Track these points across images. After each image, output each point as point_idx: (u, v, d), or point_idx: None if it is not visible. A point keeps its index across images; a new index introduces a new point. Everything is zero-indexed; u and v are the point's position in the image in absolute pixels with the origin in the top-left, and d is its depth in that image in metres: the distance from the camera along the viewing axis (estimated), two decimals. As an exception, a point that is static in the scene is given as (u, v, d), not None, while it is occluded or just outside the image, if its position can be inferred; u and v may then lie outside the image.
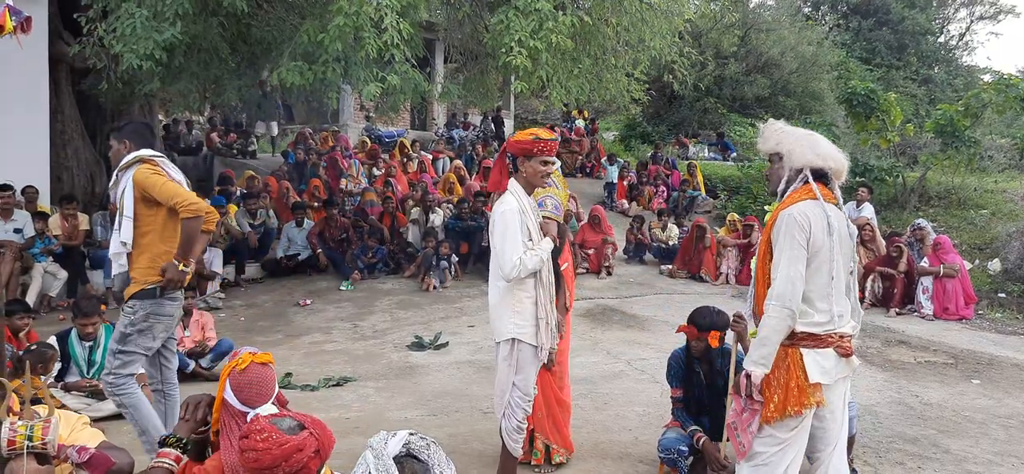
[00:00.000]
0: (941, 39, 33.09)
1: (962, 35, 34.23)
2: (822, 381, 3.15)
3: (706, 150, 21.36)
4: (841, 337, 3.20)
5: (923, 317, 9.26)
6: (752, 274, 3.40)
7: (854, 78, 18.35)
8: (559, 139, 4.43)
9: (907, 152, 15.94)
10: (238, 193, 11.84)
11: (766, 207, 3.50)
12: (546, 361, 4.49)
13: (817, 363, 3.15)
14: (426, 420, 5.61)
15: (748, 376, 3.16)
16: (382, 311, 9.18)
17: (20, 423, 2.50)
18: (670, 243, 12.08)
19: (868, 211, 11.45)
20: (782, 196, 3.29)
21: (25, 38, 2.77)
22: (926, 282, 9.43)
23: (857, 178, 13.04)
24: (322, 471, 2.36)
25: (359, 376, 6.79)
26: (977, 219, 13.53)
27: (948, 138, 13.63)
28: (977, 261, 11.51)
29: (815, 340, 3.16)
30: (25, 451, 2.49)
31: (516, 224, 3.86)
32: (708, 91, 21.72)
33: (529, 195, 4.02)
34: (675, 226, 12.53)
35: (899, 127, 14.25)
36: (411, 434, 2.17)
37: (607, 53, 10.13)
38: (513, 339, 3.96)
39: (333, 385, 6.52)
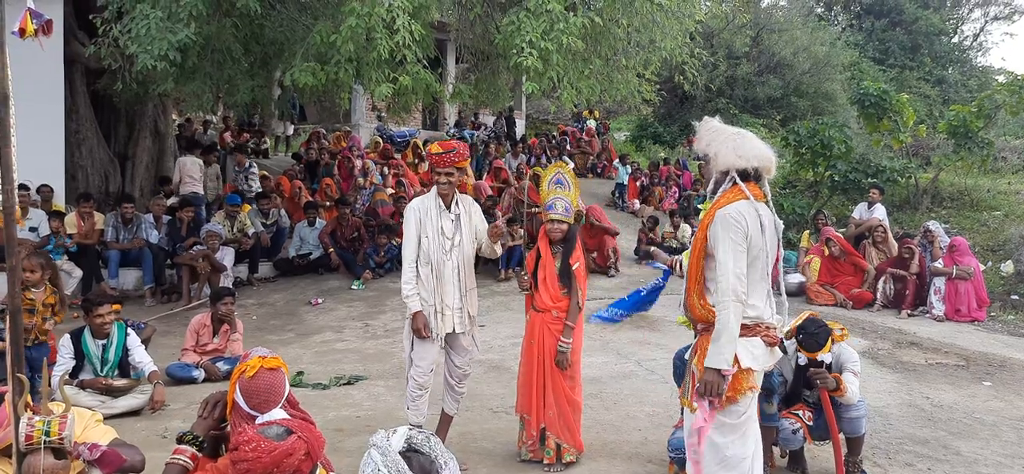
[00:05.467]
0: (955, 39, 32.83)
1: (976, 36, 33.97)
2: (753, 367, 3.32)
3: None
4: (767, 327, 3.39)
5: (934, 319, 9.22)
6: (683, 271, 3.52)
7: (867, 79, 18.26)
8: (459, 151, 4.70)
9: (920, 153, 15.87)
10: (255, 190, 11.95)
11: (698, 205, 3.60)
12: (559, 362, 4.56)
13: (748, 351, 3.31)
14: (436, 419, 5.64)
15: (720, 372, 3.27)
16: (393, 310, 9.21)
17: (37, 419, 2.54)
18: (683, 243, 12.05)
19: (880, 212, 11.40)
20: (713, 196, 3.43)
21: (42, 39, 2.81)
22: (938, 283, 9.38)
23: (869, 179, 13.00)
24: (316, 472, 2.38)
25: (370, 375, 6.83)
26: (990, 221, 13.45)
27: (961, 139, 13.55)
28: (990, 263, 11.45)
29: (746, 330, 3.31)
30: (42, 446, 2.54)
31: (411, 222, 4.61)
32: (720, 92, 21.66)
33: (442, 198, 4.62)
34: (687, 226, 12.51)
35: (912, 128, 14.19)
36: (410, 429, 2.20)
37: (618, 54, 10.12)
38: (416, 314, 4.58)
39: (344, 384, 6.56)
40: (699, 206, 3.95)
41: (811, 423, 4.51)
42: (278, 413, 2.66)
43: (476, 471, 4.69)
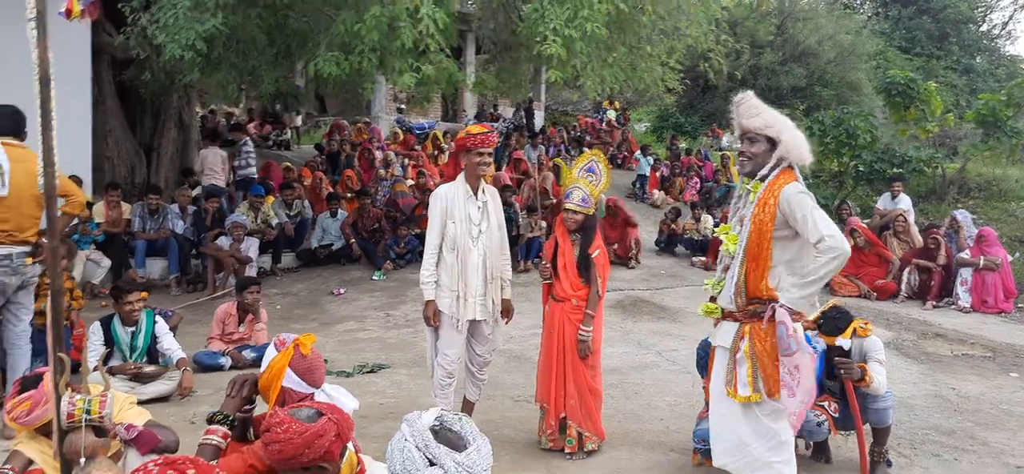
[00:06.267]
0: (983, 28, 32.35)
1: (1005, 24, 33.63)
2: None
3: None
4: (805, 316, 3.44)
5: (960, 310, 9.11)
6: (740, 253, 3.47)
7: (893, 67, 18.06)
8: (495, 133, 4.77)
9: (947, 143, 15.69)
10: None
11: (749, 187, 3.55)
12: (580, 350, 4.57)
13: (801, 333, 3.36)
14: (458, 407, 5.68)
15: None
16: (413, 300, 9.26)
17: (78, 397, 2.61)
18: (705, 235, 11.99)
19: (905, 203, 11.28)
20: (764, 179, 3.42)
21: (68, 28, 2.86)
22: (965, 274, 9.27)
23: (894, 169, 12.87)
24: (345, 454, 2.41)
25: (392, 363, 6.88)
26: (1018, 211, 13.26)
27: (989, 128, 13.36)
28: (1017, 254, 11.28)
29: (794, 316, 3.32)
30: (83, 424, 2.60)
31: (437, 209, 4.63)
32: (743, 81, 21.46)
33: (469, 184, 4.64)
34: (710, 217, 12.44)
35: (939, 117, 14.02)
36: (442, 410, 2.22)
37: (642, 41, 10.07)
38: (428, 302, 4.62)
39: (367, 372, 6.62)
40: (731, 190, 3.98)
41: (837, 415, 4.48)
42: (328, 389, 2.77)
43: (498, 459, 4.70)
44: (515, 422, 5.33)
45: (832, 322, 4.34)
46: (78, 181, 9.85)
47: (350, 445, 2.46)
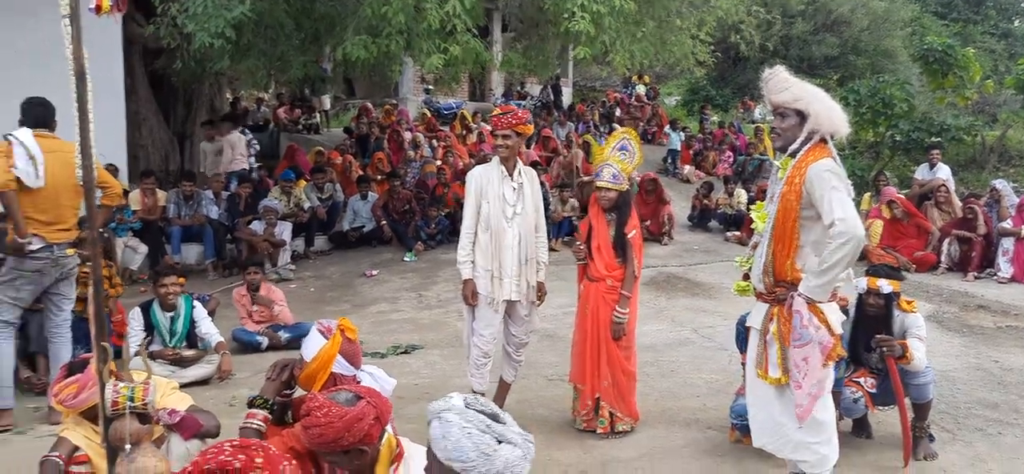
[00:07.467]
0: (1022, -10, 31.36)
1: (1046, -15, 32.36)
2: (840, 333, 3.23)
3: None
4: (839, 294, 3.37)
5: (1001, 281, 8.91)
6: (768, 232, 3.37)
7: (929, 34, 17.60)
8: (517, 112, 4.75)
9: (986, 110, 15.29)
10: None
11: (753, 169, 3.48)
12: (614, 332, 4.55)
13: (835, 316, 3.23)
14: (491, 388, 5.69)
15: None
16: (445, 281, 9.29)
17: (122, 385, 2.66)
18: (738, 209, 11.85)
19: (944, 172, 11.04)
20: (795, 154, 3.31)
21: (99, 20, 2.89)
22: (1006, 244, 9.06)
23: (932, 138, 12.58)
24: (383, 437, 2.42)
25: (425, 344, 6.92)
26: (1062, 179, 12.91)
27: (1030, 94, 13.00)
28: (1062, 223, 10.98)
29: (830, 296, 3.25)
30: (127, 411, 2.65)
31: (471, 189, 4.67)
32: (775, 52, 21.12)
33: (504, 165, 4.64)
34: (743, 191, 12.29)
35: (978, 84, 13.68)
36: (466, 396, 2.22)
37: (672, 14, 9.93)
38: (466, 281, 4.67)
39: (401, 353, 6.66)
40: (764, 163, 3.90)
41: (873, 390, 4.43)
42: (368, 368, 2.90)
43: (533, 438, 4.71)
44: (549, 401, 5.33)
45: (883, 268, 4.36)
46: (115, 170, 10.01)
47: (388, 427, 2.47)
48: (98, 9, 2.70)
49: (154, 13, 8.63)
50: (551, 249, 10.34)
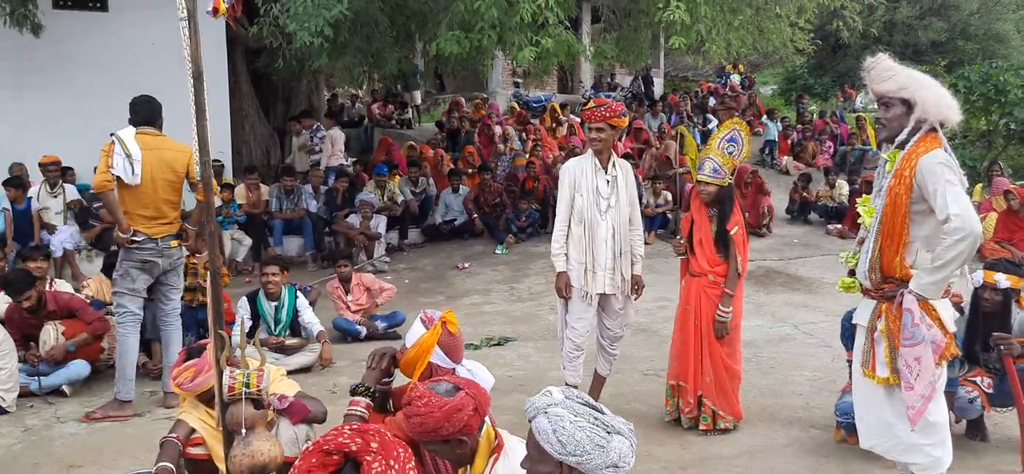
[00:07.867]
0: None
1: None
2: (953, 331, 3.11)
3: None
4: (952, 292, 3.24)
5: None
6: (875, 227, 3.20)
7: (1049, 14, 16.46)
8: (610, 107, 4.66)
9: (1115, 94, 14.13)
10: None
11: (883, 155, 3.25)
12: (717, 331, 4.44)
13: (949, 314, 3.11)
14: (586, 382, 5.66)
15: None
16: (537, 274, 9.31)
17: (238, 372, 2.77)
18: (840, 201, 11.38)
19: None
20: (903, 145, 3.14)
21: (206, 23, 3.01)
22: None
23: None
24: (482, 428, 2.44)
25: (519, 336, 6.95)
26: None
27: None
28: None
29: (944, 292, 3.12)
30: (243, 397, 2.77)
31: (565, 182, 4.65)
32: (878, 39, 20.18)
33: (598, 158, 4.61)
34: (845, 182, 11.79)
35: (1101, 67, 12.66)
36: (564, 390, 2.22)
37: (770, 2, 9.60)
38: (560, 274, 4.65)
39: (494, 345, 6.71)
40: (866, 153, 3.70)
41: (990, 390, 4.20)
42: (468, 364, 2.90)
43: (631, 433, 4.66)
44: (645, 396, 5.27)
45: (1001, 262, 4.21)
46: (219, 166, 10.52)
47: (487, 419, 2.49)
48: (215, 11, 2.81)
49: (257, 14, 8.97)
50: (645, 242, 10.27)
